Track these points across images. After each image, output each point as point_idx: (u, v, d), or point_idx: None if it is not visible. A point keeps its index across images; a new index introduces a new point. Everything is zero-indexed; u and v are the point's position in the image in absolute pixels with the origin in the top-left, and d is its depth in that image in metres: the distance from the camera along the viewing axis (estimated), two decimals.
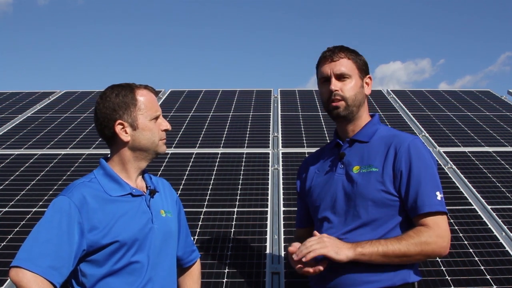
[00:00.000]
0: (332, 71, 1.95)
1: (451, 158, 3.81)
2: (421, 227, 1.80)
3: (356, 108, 1.96)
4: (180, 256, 1.99)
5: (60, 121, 4.74)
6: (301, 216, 2.15)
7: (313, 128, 4.46)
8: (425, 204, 1.81)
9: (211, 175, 3.54)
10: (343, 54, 1.96)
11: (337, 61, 1.95)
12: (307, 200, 2.07)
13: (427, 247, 1.77)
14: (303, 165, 2.15)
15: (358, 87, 1.95)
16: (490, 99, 5.39)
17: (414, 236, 1.78)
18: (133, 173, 1.82)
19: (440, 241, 1.79)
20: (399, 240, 1.78)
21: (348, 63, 1.95)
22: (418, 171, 1.84)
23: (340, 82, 1.94)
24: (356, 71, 1.96)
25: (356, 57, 1.98)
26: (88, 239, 1.67)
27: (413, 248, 1.76)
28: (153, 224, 1.78)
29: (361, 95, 1.96)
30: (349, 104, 1.94)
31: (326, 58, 1.97)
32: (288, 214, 3.00)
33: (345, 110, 1.94)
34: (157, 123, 1.82)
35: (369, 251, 1.76)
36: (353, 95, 1.94)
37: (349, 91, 1.93)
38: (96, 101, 1.82)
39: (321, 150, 2.14)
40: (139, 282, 1.72)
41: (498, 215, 3.01)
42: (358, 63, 1.97)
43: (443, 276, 2.46)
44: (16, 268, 1.59)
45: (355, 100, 1.94)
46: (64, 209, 1.67)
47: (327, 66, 1.96)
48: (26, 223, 2.94)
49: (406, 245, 1.76)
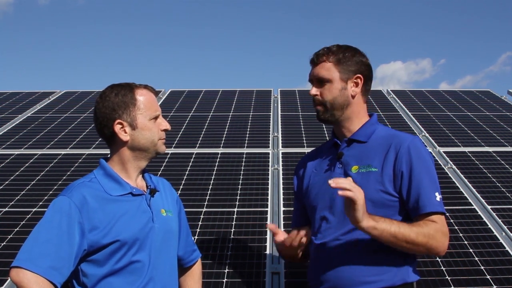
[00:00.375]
0: (313, 75, 1.97)
1: (451, 158, 3.81)
2: (428, 221, 1.81)
3: (339, 111, 1.94)
4: (181, 256, 1.99)
5: (60, 121, 4.74)
6: (297, 216, 2.14)
7: (313, 128, 4.46)
8: (427, 204, 1.81)
9: (211, 175, 3.54)
10: (325, 57, 1.95)
11: (318, 65, 1.96)
12: (304, 199, 2.06)
13: (432, 240, 1.78)
14: (300, 164, 2.15)
15: (337, 90, 1.93)
16: (490, 99, 5.39)
17: (424, 226, 1.79)
18: (133, 172, 1.82)
19: (443, 239, 1.81)
20: (410, 226, 1.78)
21: (328, 67, 1.94)
22: (419, 172, 1.84)
23: (320, 86, 1.95)
24: (336, 74, 1.93)
25: (340, 59, 1.93)
26: (88, 239, 1.67)
27: (421, 238, 1.77)
28: (153, 223, 1.78)
29: (342, 98, 1.93)
30: (328, 108, 1.94)
31: (311, 61, 2.00)
32: (288, 214, 3.00)
33: (324, 114, 1.95)
34: (156, 122, 1.82)
35: (382, 227, 1.74)
36: (331, 99, 1.93)
37: (327, 96, 1.94)
38: (95, 101, 1.82)
39: (318, 150, 2.14)
40: (140, 282, 1.72)
41: (498, 215, 3.01)
42: (342, 65, 1.93)
43: (443, 276, 2.46)
44: (16, 269, 1.59)
45: (334, 104, 1.93)
46: (64, 209, 1.67)
47: (311, 70, 1.99)
48: (26, 223, 2.94)
49: (416, 233, 1.77)
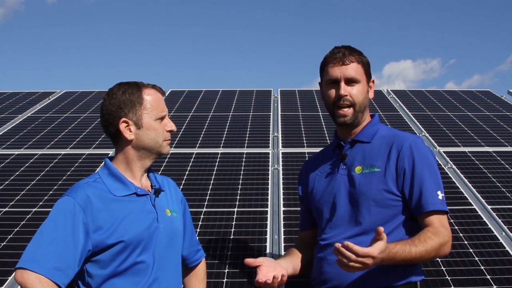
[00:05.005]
0: (343, 75, 1.91)
1: (451, 158, 3.81)
2: (434, 228, 1.80)
3: (362, 114, 1.96)
4: (185, 256, 1.98)
5: (60, 121, 4.74)
6: (304, 219, 2.15)
7: (313, 128, 4.46)
8: (429, 203, 1.82)
9: (211, 175, 3.54)
10: (354, 58, 1.93)
11: (348, 65, 1.92)
12: (309, 203, 2.06)
13: (442, 248, 1.79)
14: (303, 169, 2.15)
15: (365, 92, 1.95)
16: (490, 99, 5.39)
17: (435, 238, 1.77)
18: (137, 172, 1.81)
19: (450, 242, 1.82)
20: (424, 245, 1.75)
21: (358, 68, 1.93)
22: (421, 170, 1.85)
23: (349, 86, 1.92)
24: (364, 75, 1.95)
25: (363, 61, 1.97)
26: (93, 239, 1.67)
27: (433, 252, 1.77)
28: (158, 224, 1.78)
29: (367, 100, 1.97)
30: (357, 110, 1.93)
31: (337, 60, 1.92)
32: (288, 214, 3.00)
33: (352, 117, 1.93)
34: (162, 123, 1.81)
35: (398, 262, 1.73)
36: (361, 101, 1.93)
37: (358, 97, 1.92)
38: (103, 98, 1.82)
39: (320, 153, 2.14)
40: (144, 282, 1.72)
41: (498, 215, 3.01)
42: (365, 67, 1.96)
43: (443, 276, 2.46)
44: (21, 270, 1.59)
45: (361, 106, 1.94)
46: (69, 209, 1.67)
47: (337, 69, 1.92)
48: (26, 223, 2.94)
49: (430, 248, 1.75)
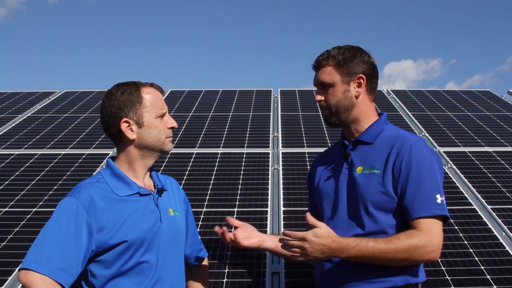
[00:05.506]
0: (317, 81, 1.98)
1: (451, 158, 3.81)
2: (413, 230, 1.76)
3: (345, 114, 1.94)
4: (188, 255, 1.99)
5: (60, 121, 4.74)
6: (311, 212, 2.14)
7: (313, 128, 4.46)
8: (421, 208, 1.76)
9: (211, 175, 3.54)
10: (325, 62, 1.95)
11: (320, 70, 1.97)
12: (314, 198, 2.07)
13: (415, 252, 1.73)
14: (314, 164, 2.15)
15: (340, 93, 1.93)
16: (490, 99, 5.39)
17: (404, 239, 1.73)
18: (140, 171, 1.82)
19: (429, 247, 1.73)
20: (387, 243, 1.73)
21: (329, 71, 1.94)
22: (417, 173, 1.80)
23: (324, 91, 1.96)
24: (338, 77, 1.93)
25: (340, 61, 1.92)
26: (96, 240, 1.67)
27: (400, 253, 1.72)
28: (161, 223, 1.78)
29: (346, 100, 1.93)
30: (333, 112, 1.95)
31: (313, 67, 2.00)
32: (288, 214, 3.00)
33: (331, 118, 1.96)
34: (163, 120, 1.82)
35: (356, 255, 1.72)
36: (335, 103, 1.93)
37: (331, 100, 1.94)
38: (102, 100, 1.82)
39: (330, 150, 2.14)
40: (147, 282, 1.72)
41: (498, 215, 3.01)
42: (342, 67, 1.92)
43: (443, 276, 2.46)
44: (25, 270, 1.59)
45: (338, 107, 1.94)
46: (72, 210, 1.67)
47: (315, 76, 1.99)
48: (26, 223, 2.94)
49: (394, 248, 1.72)
